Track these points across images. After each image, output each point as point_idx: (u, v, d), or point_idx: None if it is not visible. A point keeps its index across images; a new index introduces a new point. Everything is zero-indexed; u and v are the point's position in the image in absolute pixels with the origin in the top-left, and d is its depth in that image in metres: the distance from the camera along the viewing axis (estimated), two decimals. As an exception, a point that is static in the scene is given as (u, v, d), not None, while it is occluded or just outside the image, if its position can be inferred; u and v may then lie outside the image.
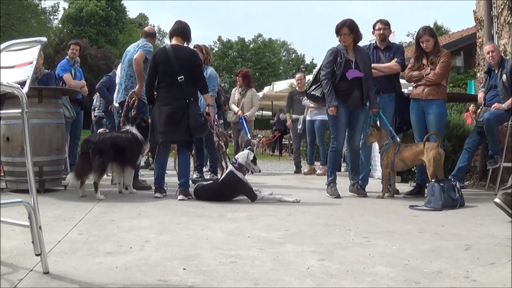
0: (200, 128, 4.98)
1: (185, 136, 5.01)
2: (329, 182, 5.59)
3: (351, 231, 3.47)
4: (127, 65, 5.87)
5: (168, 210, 4.32)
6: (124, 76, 5.89)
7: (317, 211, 4.45)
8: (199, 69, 5.09)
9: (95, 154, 4.88)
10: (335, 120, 5.45)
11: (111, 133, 5.36)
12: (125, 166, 5.32)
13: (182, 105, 4.94)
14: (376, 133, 5.52)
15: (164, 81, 5.05)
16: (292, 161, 10.37)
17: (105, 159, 4.95)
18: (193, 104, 4.95)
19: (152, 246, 2.89)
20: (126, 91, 5.79)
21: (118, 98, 5.94)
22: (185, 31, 5.17)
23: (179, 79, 4.92)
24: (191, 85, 4.98)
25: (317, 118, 8.71)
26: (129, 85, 5.80)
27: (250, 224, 3.70)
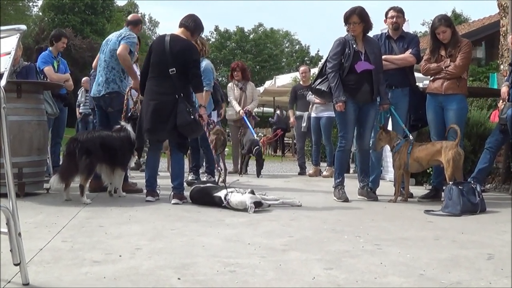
0: (187, 128, 4.87)
1: (172, 135, 4.98)
2: (337, 184, 5.59)
3: (361, 238, 3.47)
4: (109, 56, 5.81)
5: (161, 215, 4.32)
6: (106, 68, 5.82)
7: (323, 215, 4.45)
8: (195, 64, 5.01)
9: (82, 154, 4.88)
10: (343, 116, 5.46)
11: (100, 132, 5.34)
12: (115, 167, 5.32)
13: (170, 100, 4.88)
14: (385, 136, 5.54)
15: (154, 72, 5.03)
16: (296, 162, 10.37)
17: (93, 160, 4.96)
18: (183, 100, 4.87)
19: (144, 254, 2.90)
20: (107, 84, 5.75)
21: (97, 91, 5.86)
22: (192, 24, 5.11)
23: (170, 71, 4.89)
24: (183, 79, 4.93)
25: (323, 115, 8.72)
26: (110, 78, 5.75)
27: (251, 230, 3.71)
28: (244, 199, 4.56)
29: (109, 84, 5.76)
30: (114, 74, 5.78)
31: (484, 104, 8.18)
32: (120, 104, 5.70)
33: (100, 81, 5.84)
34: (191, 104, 5.04)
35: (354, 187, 5.88)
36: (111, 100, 5.76)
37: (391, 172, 7.06)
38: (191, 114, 4.85)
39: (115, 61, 5.75)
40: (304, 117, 9.19)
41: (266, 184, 7.13)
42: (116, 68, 5.77)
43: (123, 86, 5.79)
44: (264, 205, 4.69)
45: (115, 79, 5.76)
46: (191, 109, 4.88)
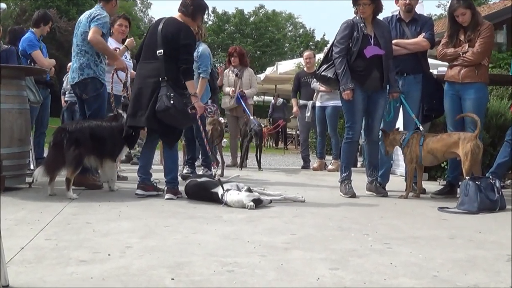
0: (165, 114, 4.79)
1: (152, 122, 4.93)
2: (343, 179, 5.60)
3: (369, 236, 3.48)
4: (80, 40, 5.76)
5: (154, 211, 4.33)
6: (79, 53, 5.76)
7: (328, 212, 4.46)
8: (186, 49, 4.94)
9: (70, 145, 4.88)
10: (351, 106, 5.46)
11: (89, 121, 5.32)
12: (103, 159, 5.32)
13: (152, 83, 4.88)
14: (386, 140, 5.60)
15: (144, 55, 5.10)
16: (299, 154, 10.37)
17: (81, 152, 4.95)
18: (167, 84, 4.83)
19: (135, 253, 2.90)
20: (81, 70, 5.68)
21: (72, 79, 5.83)
22: (188, 8, 5.09)
23: (158, 53, 4.91)
24: (171, 63, 4.91)
25: (328, 104, 8.71)
26: (84, 63, 5.68)
27: (250, 227, 3.71)
28: (240, 198, 4.57)
29: (83, 70, 5.69)
30: (88, 58, 5.71)
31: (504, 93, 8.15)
32: (96, 90, 5.66)
33: (74, 67, 5.79)
34: (180, 90, 4.93)
35: (362, 182, 5.88)
36: (85, 86, 5.71)
37: (402, 166, 7.05)
38: (171, 99, 4.77)
39: (87, 45, 5.69)
40: (308, 106, 9.18)
41: (267, 178, 7.13)
42: (90, 52, 5.71)
43: (99, 70, 5.73)
44: (265, 202, 4.68)
45: (89, 64, 5.70)
46: (173, 94, 4.79)
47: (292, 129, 19.04)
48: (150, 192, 5.14)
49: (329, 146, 9.90)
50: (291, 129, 19.33)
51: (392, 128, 5.74)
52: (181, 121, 4.96)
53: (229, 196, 4.64)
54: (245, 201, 4.52)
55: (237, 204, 4.56)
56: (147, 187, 5.16)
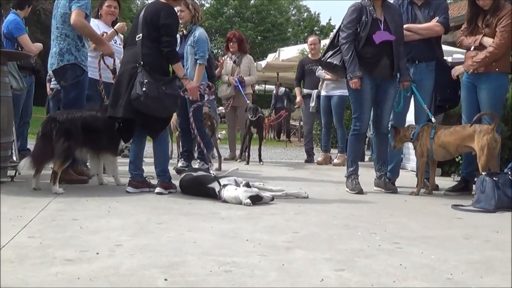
0: (137, 102, 4.78)
1: (129, 111, 4.91)
2: (350, 174, 5.59)
3: (377, 235, 3.48)
4: (60, 22, 5.65)
5: (146, 207, 4.32)
6: (59, 37, 5.67)
7: (333, 209, 4.46)
8: (166, 30, 4.89)
9: (60, 136, 4.86)
10: (358, 95, 5.45)
11: (83, 111, 5.28)
12: (102, 153, 5.34)
13: (130, 70, 4.90)
14: (396, 136, 5.61)
15: (127, 41, 5.19)
16: (303, 147, 10.37)
17: (72, 144, 4.94)
18: (144, 70, 4.81)
19: (125, 252, 2.89)
20: (61, 55, 5.59)
21: (50, 65, 5.74)
22: None
23: (136, 37, 4.96)
24: (151, 47, 4.90)
25: (334, 93, 8.70)
26: (64, 48, 5.59)
27: (250, 225, 3.71)
28: (237, 194, 4.57)
29: (63, 56, 5.59)
30: (68, 43, 5.60)
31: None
32: (76, 77, 5.59)
33: (53, 52, 5.69)
34: (158, 75, 4.87)
35: (370, 177, 5.87)
36: (64, 72, 5.62)
37: (413, 160, 7.05)
38: (143, 86, 4.74)
39: (68, 27, 5.59)
40: (312, 95, 9.17)
41: (268, 173, 7.13)
42: (71, 35, 5.61)
43: (80, 56, 5.65)
44: (265, 199, 4.67)
45: (70, 49, 5.60)
46: (146, 81, 4.75)
47: (295, 120, 19.04)
48: (142, 189, 5.13)
49: (335, 139, 9.89)
50: (294, 120, 19.33)
51: (402, 119, 5.74)
52: (156, 109, 4.88)
53: (226, 192, 4.64)
54: (241, 197, 4.52)
55: (234, 200, 4.56)
56: (139, 183, 5.14)
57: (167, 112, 5.08)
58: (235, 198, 4.56)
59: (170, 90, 4.90)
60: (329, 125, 9.12)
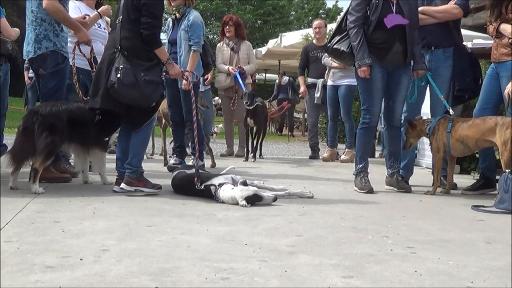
0: (112, 90, 4.80)
1: (107, 102, 4.91)
2: (359, 171, 5.60)
3: (389, 239, 3.48)
4: (36, 5, 5.60)
5: (135, 208, 4.32)
6: (34, 21, 5.61)
7: (341, 210, 4.46)
8: (149, 9, 4.87)
9: (43, 130, 4.86)
10: (368, 85, 5.45)
11: (68, 103, 5.26)
12: (90, 148, 5.34)
13: (109, 56, 4.94)
14: (411, 132, 5.56)
15: (111, 25, 5.23)
16: (307, 142, 10.37)
17: (55, 139, 4.93)
18: (121, 55, 4.82)
19: (112, 257, 2.89)
20: (38, 42, 5.53)
21: (27, 53, 5.70)
22: None
23: (117, 21, 5.00)
24: (128, 29, 4.90)
25: (342, 83, 8.70)
26: (41, 34, 5.54)
27: (249, 227, 3.71)
28: (233, 194, 4.57)
29: (40, 43, 5.54)
30: (45, 28, 5.55)
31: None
32: (56, 65, 5.56)
33: (29, 38, 5.64)
34: (137, 60, 4.85)
35: (381, 175, 5.87)
36: (43, 60, 5.58)
37: (428, 156, 7.05)
38: (118, 72, 4.74)
39: (44, 11, 5.54)
40: (317, 85, 9.16)
41: (269, 171, 7.14)
42: (47, 19, 5.56)
43: (60, 42, 5.61)
44: (266, 199, 4.64)
45: (47, 34, 5.55)
46: (122, 67, 4.76)
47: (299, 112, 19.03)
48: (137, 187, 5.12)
49: (342, 133, 9.89)
50: (297, 113, 19.32)
51: (417, 111, 5.73)
52: (134, 98, 4.86)
53: (223, 191, 4.63)
54: (237, 197, 4.52)
55: (231, 201, 4.56)
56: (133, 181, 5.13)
57: (147, 101, 4.97)
58: (231, 198, 4.56)
59: (151, 76, 4.87)
60: (336, 118, 9.10)
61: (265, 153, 8.84)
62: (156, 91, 4.95)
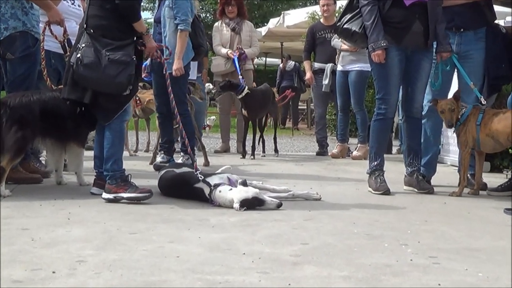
0: (75, 74, 4.73)
1: (74, 89, 4.85)
2: (373, 169, 5.59)
3: (408, 247, 3.47)
4: None
5: (116, 212, 4.33)
6: None
7: (353, 214, 4.47)
8: None
9: (12, 124, 4.87)
10: (384, 70, 5.45)
11: (41, 93, 5.24)
12: (67, 144, 5.34)
13: (78, 36, 4.95)
14: (438, 108, 5.48)
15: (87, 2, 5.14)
16: (313, 136, 10.36)
17: (26, 134, 4.94)
18: (88, 34, 4.77)
19: (89, 269, 2.88)
20: (4, 22, 5.49)
21: None
22: None
23: None
24: (97, 5, 4.85)
25: (352, 68, 8.69)
26: (8, 13, 5.50)
27: (247, 234, 3.71)
28: (230, 197, 4.56)
29: (7, 23, 5.50)
30: (12, 5, 5.52)
31: None
32: (27, 49, 5.54)
33: None
34: (107, 40, 4.78)
35: (399, 173, 5.87)
36: (11, 43, 5.54)
37: (454, 152, 7.04)
38: (79, 52, 4.69)
39: None
40: (326, 71, 9.14)
41: (270, 169, 7.14)
42: None
43: (30, 21, 5.58)
44: (269, 204, 4.60)
45: (15, 13, 5.51)
46: (84, 45, 4.70)
47: (304, 102, 19.01)
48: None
49: (354, 126, 9.88)
50: (302, 103, 19.30)
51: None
52: (96, 81, 4.75)
53: (219, 193, 4.62)
54: (234, 200, 4.51)
55: (229, 204, 4.55)
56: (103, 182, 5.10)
57: (112, 85, 4.79)
58: (229, 201, 4.54)
59: (117, 55, 4.74)
60: (347, 109, 9.10)
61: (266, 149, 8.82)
62: (123, 72, 4.75)
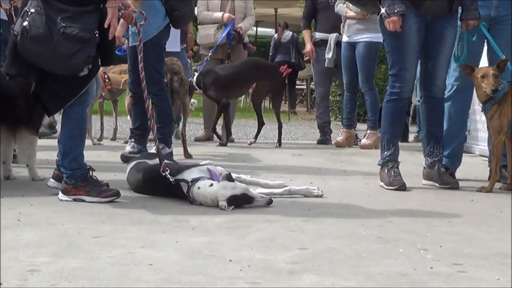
0: (19, 46, 4.60)
1: (15, 64, 4.75)
2: (386, 160, 5.61)
3: (428, 252, 3.47)
4: None
5: (76, 212, 4.32)
6: None
7: (361, 213, 4.48)
8: None
9: None
10: (399, 41, 5.47)
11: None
12: (17, 130, 5.35)
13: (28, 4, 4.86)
14: (472, 76, 5.47)
15: None
16: (314, 121, 10.37)
17: None
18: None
19: (44, 280, 2.87)
20: None
21: None
22: None
23: None
24: None
25: (361, 39, 8.70)
26: None
27: (234, 238, 3.71)
28: (213, 193, 4.55)
29: None
30: None
31: None
32: None
33: None
34: (58, 4, 4.60)
35: (417, 165, 5.90)
36: None
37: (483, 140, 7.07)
38: (25, 19, 4.55)
39: None
40: (329, 42, 9.17)
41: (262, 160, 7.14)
42: None
43: None
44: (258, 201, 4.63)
45: None
46: (32, 11, 4.54)
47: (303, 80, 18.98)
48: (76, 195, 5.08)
49: (363, 108, 9.89)
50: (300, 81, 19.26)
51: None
52: (45, 57, 4.63)
53: (197, 189, 4.61)
54: (219, 196, 4.51)
55: (210, 202, 4.55)
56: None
57: (65, 65, 4.66)
58: (211, 199, 4.54)
59: (74, 29, 4.59)
60: (354, 88, 9.11)
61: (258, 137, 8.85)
62: (80, 53, 4.61)
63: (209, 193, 4.57)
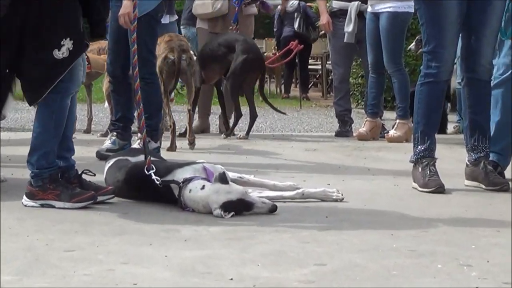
0: None
1: None
2: (419, 156, 5.61)
3: (473, 269, 3.46)
4: None
5: (46, 221, 4.34)
6: None
7: (391, 221, 4.48)
8: None
9: None
10: (435, 11, 5.49)
11: None
12: None
13: None
14: None
15: None
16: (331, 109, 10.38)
17: None
18: None
19: (5, 303, 2.88)
20: None
21: None
22: None
23: None
24: None
25: (385, 9, 8.68)
26: None
27: (235, 251, 3.71)
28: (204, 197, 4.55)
29: None
30: None
31: None
32: None
33: None
34: None
35: (458, 162, 5.90)
36: None
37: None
38: None
39: None
40: (349, 12, 9.17)
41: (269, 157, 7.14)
42: None
43: None
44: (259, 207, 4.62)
45: None
46: None
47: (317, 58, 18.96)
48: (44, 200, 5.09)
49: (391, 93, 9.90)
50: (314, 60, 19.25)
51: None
52: None
53: (189, 192, 4.61)
54: (211, 203, 4.51)
55: (203, 208, 4.55)
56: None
57: None
58: (203, 205, 4.53)
59: None
60: (381, 68, 9.09)
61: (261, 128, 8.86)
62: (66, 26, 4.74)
63: (199, 197, 4.56)
